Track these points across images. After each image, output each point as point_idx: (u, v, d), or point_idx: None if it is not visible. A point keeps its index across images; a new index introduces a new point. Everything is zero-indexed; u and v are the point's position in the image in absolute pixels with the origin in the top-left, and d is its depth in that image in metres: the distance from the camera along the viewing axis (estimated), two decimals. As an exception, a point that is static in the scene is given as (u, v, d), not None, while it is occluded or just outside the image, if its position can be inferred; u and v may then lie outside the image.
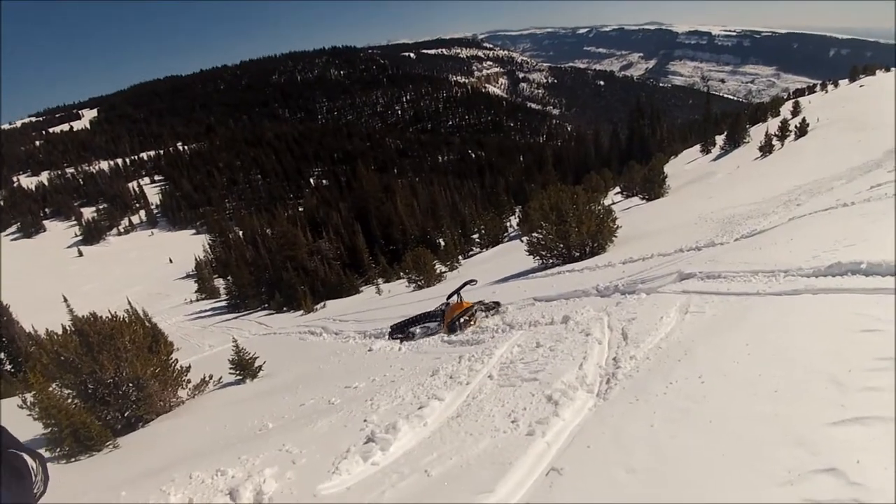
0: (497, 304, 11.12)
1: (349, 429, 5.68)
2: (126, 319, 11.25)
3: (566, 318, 7.94)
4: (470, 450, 4.38)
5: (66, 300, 45.98)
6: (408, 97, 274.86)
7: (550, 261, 18.08)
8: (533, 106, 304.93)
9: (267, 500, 4.45)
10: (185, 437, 8.19)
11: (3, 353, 27.70)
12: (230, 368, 12.19)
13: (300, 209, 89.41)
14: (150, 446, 8.30)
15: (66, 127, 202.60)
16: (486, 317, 10.60)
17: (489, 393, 5.69)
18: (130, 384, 10.19)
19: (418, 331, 11.43)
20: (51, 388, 9.15)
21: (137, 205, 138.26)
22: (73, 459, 8.25)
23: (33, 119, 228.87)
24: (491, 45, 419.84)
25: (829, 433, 3.07)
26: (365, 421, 5.71)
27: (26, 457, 1.87)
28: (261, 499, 4.48)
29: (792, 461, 2.92)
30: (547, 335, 7.31)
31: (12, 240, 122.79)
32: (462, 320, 10.34)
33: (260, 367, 12.26)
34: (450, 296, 11.46)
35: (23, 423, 8.19)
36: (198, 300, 64.81)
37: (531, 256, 18.52)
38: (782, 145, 40.72)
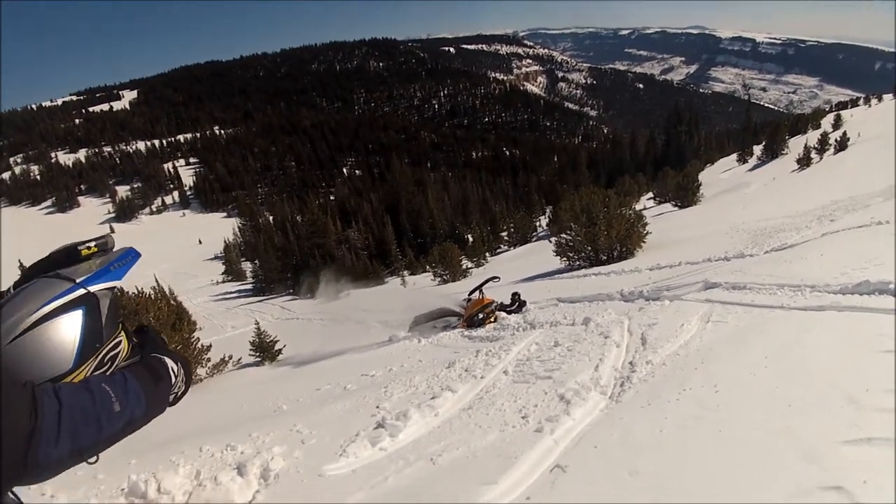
0: (521, 301, 11.16)
1: (361, 413, 5.73)
2: (151, 296, 11.37)
3: (587, 319, 7.88)
4: (478, 441, 4.40)
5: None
6: (445, 92, 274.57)
7: (577, 263, 18.03)
8: (570, 106, 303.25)
9: (273, 476, 4.50)
10: (200, 412, 8.22)
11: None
12: (250, 350, 12.30)
13: (332, 198, 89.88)
14: (163, 420, 8.26)
15: (105, 107, 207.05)
16: (509, 313, 10.57)
17: (503, 388, 5.69)
18: None
19: (439, 324, 11.48)
20: None
21: (171, 185, 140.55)
22: None
23: (74, 98, 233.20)
24: (531, 43, 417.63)
25: (840, 451, 3.02)
26: (377, 407, 5.76)
27: (168, 360, 2.04)
28: (267, 475, 4.52)
29: (799, 476, 2.89)
30: (566, 335, 7.29)
31: (46, 213, 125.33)
32: (482, 316, 10.42)
33: (279, 351, 12.38)
34: (472, 291, 11.57)
35: None
36: (224, 282, 65.57)
37: (558, 257, 18.46)
38: (821, 159, 39.96)
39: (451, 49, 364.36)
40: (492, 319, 10.33)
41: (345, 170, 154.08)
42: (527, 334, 8.08)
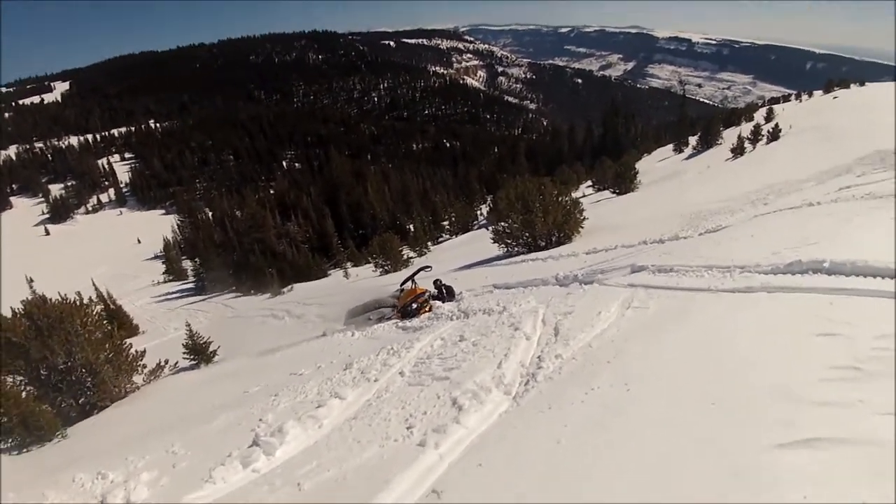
0: (445, 287, 11.02)
1: (242, 428, 5.35)
2: (78, 302, 10.87)
3: (504, 308, 7.63)
4: (353, 460, 3.98)
5: (29, 281, 45.26)
6: (385, 85, 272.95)
7: (516, 249, 17.93)
8: (510, 100, 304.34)
9: None
10: (119, 428, 8.09)
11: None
12: (183, 353, 11.97)
13: (272, 192, 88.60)
14: (89, 437, 8.12)
15: (36, 99, 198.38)
16: (444, 302, 10.38)
17: (395, 392, 5.27)
18: (83, 370, 9.94)
19: (374, 316, 11.27)
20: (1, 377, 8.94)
21: (106, 182, 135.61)
22: (24, 450, 8.13)
23: (3, 90, 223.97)
24: (472, 39, 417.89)
25: (773, 458, 2.55)
26: (260, 420, 5.40)
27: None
28: None
29: (720, 497, 2.42)
30: (475, 328, 6.91)
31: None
32: (415, 306, 10.16)
33: (214, 353, 12.02)
34: (404, 282, 11.31)
35: None
36: (166, 282, 63.81)
37: (496, 244, 18.40)
38: (754, 148, 40.68)
39: (392, 43, 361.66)
40: (426, 309, 10.17)
41: (284, 163, 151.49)
42: (438, 327, 7.79)
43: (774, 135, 42.04)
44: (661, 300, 5.88)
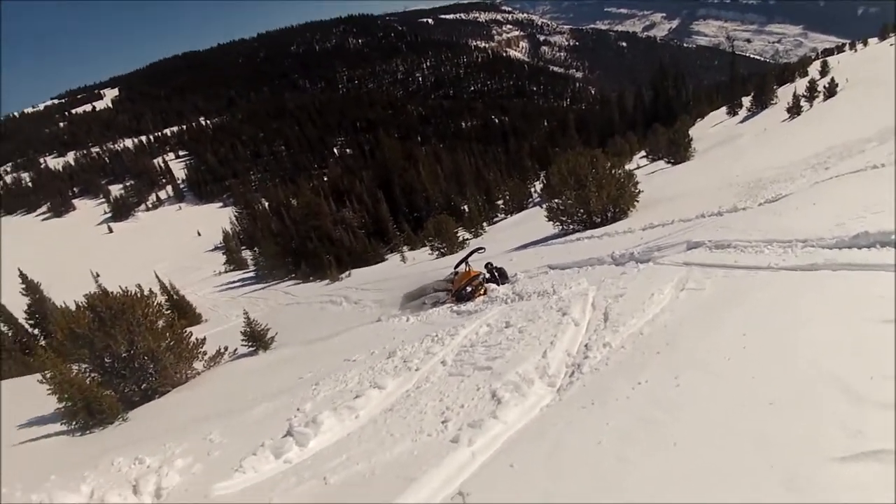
0: (497, 269, 10.84)
1: (280, 417, 5.35)
2: (138, 294, 11.23)
3: (553, 290, 7.44)
4: (383, 454, 3.87)
5: (95, 277, 46.58)
6: (428, 64, 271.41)
7: (571, 227, 17.63)
8: (555, 69, 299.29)
9: (165, 495, 4.34)
10: (171, 414, 8.35)
11: (37, 329, 28.38)
12: (242, 341, 12.24)
13: (325, 179, 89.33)
14: (149, 421, 8.40)
15: (88, 107, 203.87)
16: (497, 286, 10.20)
17: (435, 382, 5.11)
18: (145, 357, 10.28)
19: (428, 301, 11.28)
20: (67, 364, 9.35)
21: (164, 180, 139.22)
22: (87, 432, 8.51)
23: (55, 101, 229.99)
24: (509, 9, 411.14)
25: (834, 472, 2.26)
26: (298, 409, 5.37)
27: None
28: (160, 493, 4.38)
29: None
30: (522, 312, 6.70)
31: (43, 219, 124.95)
32: (469, 289, 10.07)
33: (272, 339, 12.24)
34: (457, 265, 11.28)
35: (44, 398, 8.82)
36: (227, 272, 65.33)
37: (551, 223, 18.20)
38: (811, 106, 39.21)
39: (430, 20, 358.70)
40: (481, 292, 10.07)
41: (335, 150, 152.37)
42: (485, 311, 7.71)
43: (831, 90, 40.44)
44: (717, 280, 5.55)
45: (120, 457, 5.31)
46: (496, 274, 10.69)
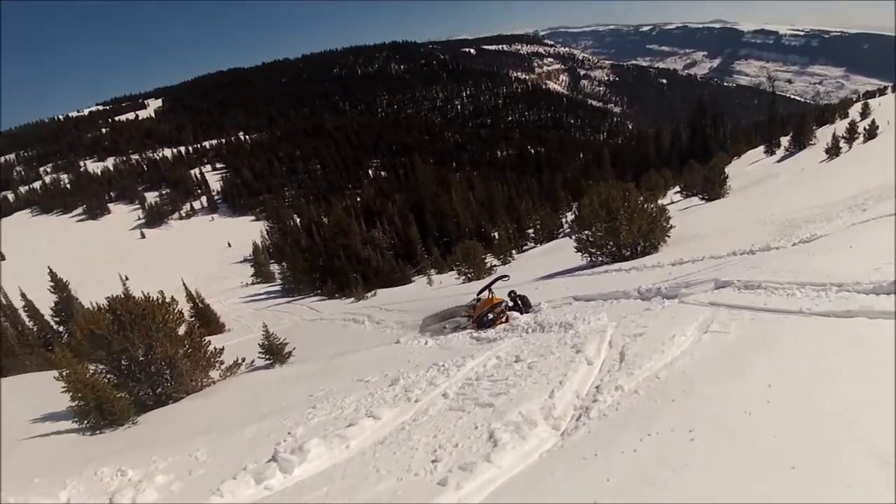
0: (520, 297, 10.72)
1: (270, 440, 5.19)
2: (160, 300, 11.28)
3: (572, 325, 7.16)
4: (365, 492, 3.66)
5: (123, 280, 47.18)
6: (468, 92, 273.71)
7: (600, 259, 17.45)
8: (594, 103, 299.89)
9: None
10: (175, 423, 8.42)
11: (62, 327, 28.79)
12: (259, 353, 12.23)
13: (358, 199, 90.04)
14: (154, 427, 8.44)
15: (131, 115, 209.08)
16: (522, 313, 10.09)
17: (433, 416, 4.86)
18: (162, 363, 10.35)
19: (448, 325, 11.17)
20: (83, 364, 9.47)
21: (199, 191, 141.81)
22: (98, 432, 8.58)
23: (100, 107, 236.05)
24: (552, 42, 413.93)
25: None
26: (289, 433, 5.22)
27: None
28: None
29: None
30: (535, 346, 6.45)
31: (78, 221, 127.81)
32: (491, 316, 9.93)
33: (289, 353, 12.22)
34: (481, 291, 11.13)
35: (62, 394, 8.76)
36: (254, 283, 66.13)
37: (579, 254, 18.03)
38: (850, 148, 38.60)
39: (472, 50, 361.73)
40: (503, 320, 9.86)
41: (370, 171, 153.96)
42: (498, 342, 7.52)
43: (871, 132, 39.85)
44: (744, 324, 5.20)
45: (105, 466, 5.31)
46: (519, 302, 10.54)
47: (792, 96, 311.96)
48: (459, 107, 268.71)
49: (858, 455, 2.54)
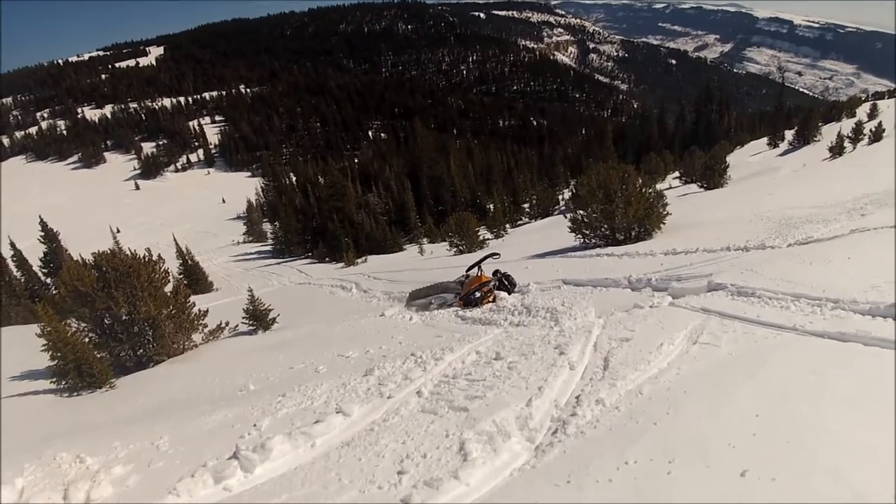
0: (504, 276, 10.56)
1: (234, 431, 5.03)
2: (146, 258, 11.14)
3: (555, 311, 7.17)
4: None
5: (114, 232, 46.98)
6: (474, 58, 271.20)
7: (593, 241, 17.27)
8: (600, 78, 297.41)
9: None
10: (161, 391, 8.13)
11: (49, 279, 28.65)
12: (243, 318, 12.13)
13: (355, 160, 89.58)
14: (133, 394, 8.30)
15: (132, 63, 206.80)
16: (507, 294, 9.98)
17: (404, 417, 4.65)
18: (145, 323, 10.30)
19: (435, 301, 11.06)
20: (66, 322, 9.49)
21: (196, 143, 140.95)
22: (74, 393, 8.56)
23: (101, 53, 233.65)
24: (563, 12, 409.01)
25: None
26: (253, 426, 5.02)
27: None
28: None
29: None
30: (516, 343, 6.25)
31: (73, 168, 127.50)
32: (478, 295, 9.89)
33: (273, 320, 12.13)
34: (470, 268, 11.00)
35: (41, 351, 8.72)
36: (245, 242, 65.80)
37: (573, 234, 17.88)
38: (854, 148, 38.16)
39: (482, 14, 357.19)
40: (490, 299, 9.81)
41: (370, 133, 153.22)
42: (479, 335, 7.13)
43: (877, 135, 39.48)
44: (735, 336, 5.04)
45: (65, 449, 5.11)
46: (505, 281, 10.42)
47: (801, 89, 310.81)
48: (465, 72, 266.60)
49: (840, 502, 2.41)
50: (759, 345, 4.72)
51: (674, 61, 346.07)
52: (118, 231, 48.39)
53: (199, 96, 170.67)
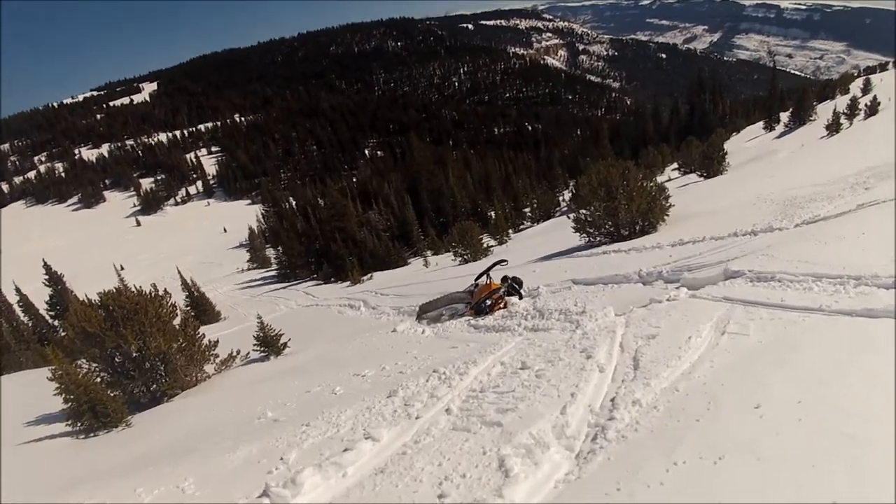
0: (513, 281, 10.43)
1: (261, 467, 4.81)
2: (152, 294, 11.05)
3: (577, 324, 6.78)
4: None
5: (118, 270, 46.96)
6: (465, 69, 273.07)
7: (598, 238, 17.14)
8: (592, 79, 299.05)
9: None
10: (178, 425, 7.99)
11: (57, 321, 28.59)
12: (254, 345, 12.01)
13: (354, 180, 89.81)
14: (150, 431, 8.18)
15: (126, 100, 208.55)
16: (518, 299, 9.87)
17: (436, 437, 4.46)
18: (156, 359, 10.22)
19: (446, 312, 10.94)
20: (77, 362, 9.51)
21: (194, 175, 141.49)
22: (91, 434, 8.41)
23: (95, 93, 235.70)
24: (551, 17, 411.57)
25: None
26: (280, 459, 4.81)
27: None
28: None
29: None
30: (541, 350, 6.09)
31: (73, 210, 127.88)
32: (489, 302, 9.82)
33: (285, 345, 12.01)
34: (479, 276, 10.90)
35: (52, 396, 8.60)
36: (249, 269, 65.95)
37: (577, 234, 17.76)
38: (851, 124, 38.12)
39: (470, 25, 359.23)
40: (501, 306, 9.74)
41: (367, 151, 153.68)
42: (501, 344, 6.96)
43: (872, 109, 39.52)
44: (762, 323, 4.89)
45: (87, 500, 4.93)
46: (515, 285, 10.33)
47: (792, 71, 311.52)
48: (457, 84, 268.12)
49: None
50: (787, 330, 4.59)
51: (664, 55, 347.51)
52: (122, 268, 48.44)
53: (194, 128, 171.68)
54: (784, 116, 52.43)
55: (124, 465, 6.24)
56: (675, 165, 45.96)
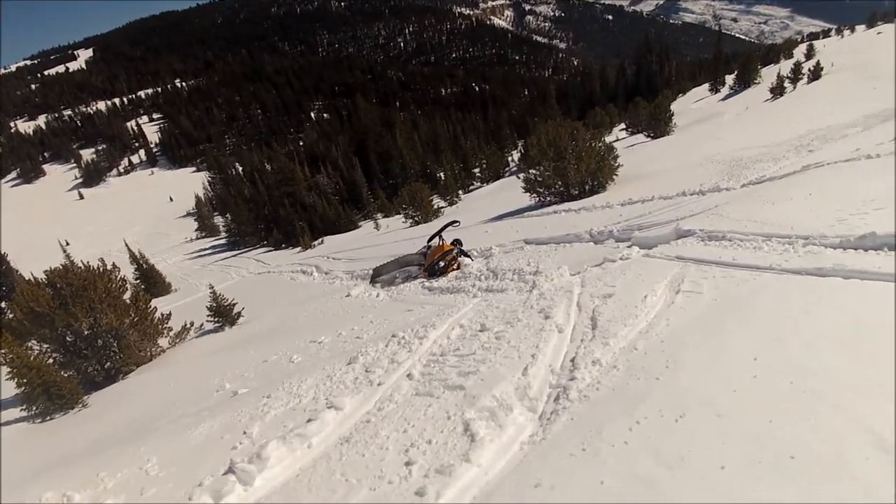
0: (459, 245, 10.50)
1: (224, 443, 4.69)
2: (101, 269, 10.80)
3: (533, 284, 6.83)
4: None
5: (63, 245, 45.79)
6: (410, 29, 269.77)
7: (548, 198, 17.34)
8: (539, 39, 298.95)
9: None
10: (137, 404, 7.79)
11: (3, 303, 27.78)
12: (207, 316, 11.84)
13: (301, 144, 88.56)
14: (108, 411, 7.95)
15: (61, 69, 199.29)
16: (471, 260, 10.01)
17: (399, 403, 4.42)
18: (108, 335, 9.99)
19: (399, 275, 10.95)
20: (28, 344, 9.36)
21: (137, 144, 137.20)
22: (48, 418, 8.24)
23: (28, 62, 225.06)
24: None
25: None
26: (244, 433, 4.69)
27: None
28: None
29: None
30: (499, 312, 6.09)
31: (12, 186, 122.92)
32: (442, 264, 9.90)
33: (238, 314, 11.86)
34: (431, 238, 11.00)
35: (5, 379, 8.49)
36: (198, 238, 64.79)
37: (527, 194, 17.87)
38: (794, 88, 38.92)
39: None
40: (454, 267, 9.82)
41: (312, 114, 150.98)
42: (458, 306, 6.98)
43: (815, 73, 40.36)
44: (715, 282, 5.04)
45: (49, 490, 4.77)
46: (462, 248, 10.42)
47: (737, 35, 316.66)
48: (402, 44, 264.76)
49: (858, 442, 2.41)
50: (741, 288, 4.73)
51: (610, 17, 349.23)
52: (67, 244, 47.04)
53: (134, 95, 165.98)
54: (729, 79, 53.17)
55: (84, 448, 6.10)
56: (623, 126, 46.37)
